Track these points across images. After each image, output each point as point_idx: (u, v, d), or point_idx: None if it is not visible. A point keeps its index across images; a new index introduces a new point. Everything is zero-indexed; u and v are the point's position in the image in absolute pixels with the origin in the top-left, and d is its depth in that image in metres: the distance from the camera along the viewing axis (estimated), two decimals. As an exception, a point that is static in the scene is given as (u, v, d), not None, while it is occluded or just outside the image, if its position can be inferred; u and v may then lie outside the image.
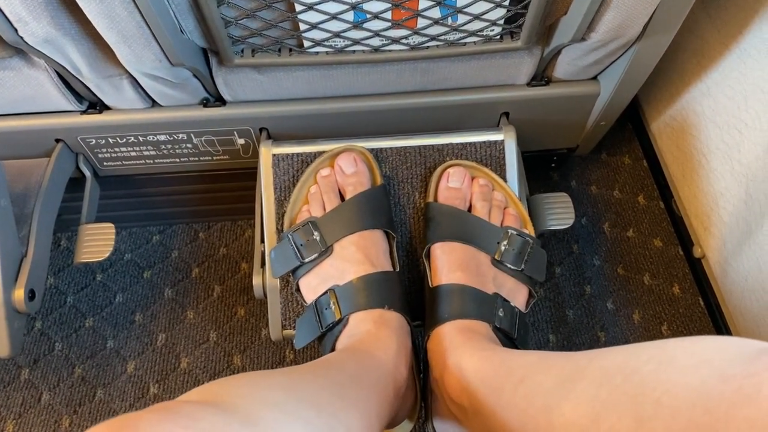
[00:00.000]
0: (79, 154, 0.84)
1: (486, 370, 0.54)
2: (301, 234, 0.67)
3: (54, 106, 0.76)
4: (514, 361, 0.52)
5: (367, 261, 0.65)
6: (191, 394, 0.40)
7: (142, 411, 0.34)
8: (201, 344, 0.90)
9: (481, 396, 0.52)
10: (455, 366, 0.57)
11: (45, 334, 0.91)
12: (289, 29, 0.64)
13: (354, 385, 0.50)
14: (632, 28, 0.64)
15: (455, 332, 0.61)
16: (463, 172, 0.70)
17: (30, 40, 0.59)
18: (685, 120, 0.87)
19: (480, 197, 0.70)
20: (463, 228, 0.67)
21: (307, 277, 0.67)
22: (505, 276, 0.66)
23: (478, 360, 0.55)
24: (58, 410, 0.85)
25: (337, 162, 0.70)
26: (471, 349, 0.57)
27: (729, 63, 0.77)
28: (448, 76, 0.75)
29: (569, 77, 0.78)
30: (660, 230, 0.94)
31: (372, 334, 0.60)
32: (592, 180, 1.01)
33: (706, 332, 0.85)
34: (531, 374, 0.48)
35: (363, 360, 0.56)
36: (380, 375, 0.56)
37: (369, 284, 0.63)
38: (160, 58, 0.62)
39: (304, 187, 0.72)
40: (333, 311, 0.63)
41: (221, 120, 0.78)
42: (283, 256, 0.68)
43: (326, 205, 0.69)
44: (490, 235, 0.67)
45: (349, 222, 0.66)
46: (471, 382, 0.54)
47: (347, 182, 0.69)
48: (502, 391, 0.50)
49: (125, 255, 0.98)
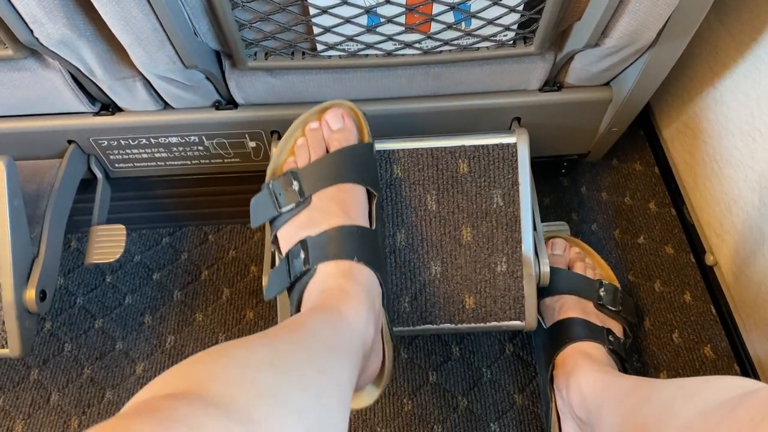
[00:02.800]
0: (91, 155, 0.84)
1: (597, 389, 0.66)
2: (281, 183, 0.66)
3: (67, 108, 0.76)
4: (615, 384, 0.64)
5: (343, 213, 0.64)
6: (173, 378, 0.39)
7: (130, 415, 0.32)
8: (210, 346, 0.89)
9: (591, 411, 0.65)
10: (576, 385, 0.70)
11: (54, 334, 0.92)
12: (302, 32, 0.64)
13: (331, 355, 0.49)
14: (647, 34, 0.64)
15: (577, 355, 0.73)
16: (564, 242, 0.85)
17: (45, 42, 0.60)
18: (697, 127, 0.87)
19: (578, 260, 0.84)
20: (568, 282, 0.81)
21: (284, 227, 0.66)
22: (605, 317, 0.80)
23: (593, 381, 0.68)
24: (67, 411, 0.85)
25: (325, 116, 0.69)
26: (589, 370, 0.70)
27: (742, 70, 0.76)
28: (460, 80, 0.75)
29: (582, 83, 0.77)
30: (671, 237, 0.93)
31: (342, 289, 0.59)
32: (602, 186, 1.01)
33: (718, 341, 0.84)
34: (623, 397, 0.60)
35: (335, 323, 0.54)
36: (351, 338, 0.55)
37: (341, 235, 0.62)
38: (174, 60, 0.62)
39: (290, 138, 0.70)
40: (302, 260, 0.62)
41: (233, 123, 0.78)
42: (262, 206, 0.67)
43: (312, 158, 0.68)
44: (589, 286, 0.81)
45: (329, 174, 0.65)
46: (586, 398, 0.67)
47: (333, 137, 0.68)
48: (602, 408, 0.63)
49: (135, 257, 0.98)
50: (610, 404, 0.62)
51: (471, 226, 0.74)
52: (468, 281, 0.74)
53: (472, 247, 0.74)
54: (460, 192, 0.75)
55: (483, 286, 0.74)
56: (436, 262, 0.75)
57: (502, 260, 0.74)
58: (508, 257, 0.74)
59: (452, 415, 0.83)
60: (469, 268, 0.74)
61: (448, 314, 0.75)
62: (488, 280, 0.74)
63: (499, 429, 0.82)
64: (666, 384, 0.55)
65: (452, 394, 0.84)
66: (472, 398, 0.84)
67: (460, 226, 0.75)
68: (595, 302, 0.80)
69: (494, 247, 0.74)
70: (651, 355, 0.85)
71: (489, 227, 0.74)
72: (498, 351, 0.87)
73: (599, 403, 0.64)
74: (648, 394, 0.55)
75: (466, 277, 0.74)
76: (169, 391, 0.37)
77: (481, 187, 0.74)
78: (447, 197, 0.75)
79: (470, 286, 0.74)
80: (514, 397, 0.84)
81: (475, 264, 0.74)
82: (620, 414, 0.58)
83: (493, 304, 0.74)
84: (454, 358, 0.87)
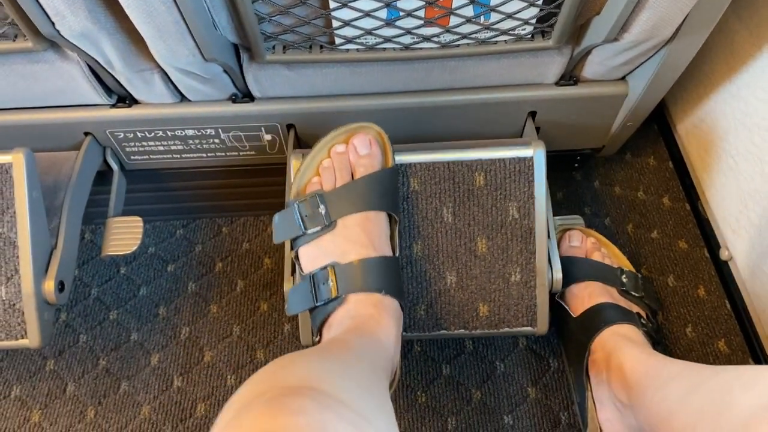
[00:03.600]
0: (107, 147, 0.84)
1: (641, 371, 0.65)
2: (308, 205, 0.68)
3: (84, 100, 0.76)
4: (662, 368, 0.63)
5: (369, 243, 0.67)
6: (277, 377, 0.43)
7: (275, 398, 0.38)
8: (224, 338, 0.90)
9: (634, 393, 0.65)
10: (617, 366, 0.69)
11: (70, 325, 0.92)
12: (321, 26, 0.64)
13: (373, 375, 0.54)
14: (666, 29, 0.64)
15: (614, 337, 0.72)
16: (580, 234, 0.85)
17: (66, 34, 0.60)
18: (713, 121, 0.86)
19: (595, 249, 0.83)
20: (590, 270, 0.81)
21: (307, 246, 0.69)
22: (631, 303, 0.79)
23: (636, 362, 0.67)
24: (83, 401, 0.86)
25: (353, 141, 0.70)
26: (631, 350, 0.69)
27: (760, 65, 0.76)
28: (477, 74, 0.74)
29: (598, 77, 0.77)
30: (685, 232, 0.93)
31: (374, 318, 0.64)
32: (616, 181, 1.01)
33: (732, 335, 0.84)
34: (668, 382, 0.59)
35: (373, 345, 0.60)
36: (385, 360, 0.61)
37: (369, 267, 0.65)
38: (194, 53, 0.63)
39: (316, 159, 0.71)
40: (330, 288, 0.65)
41: (249, 116, 0.79)
42: (287, 224, 0.69)
43: (338, 182, 0.69)
44: (611, 273, 0.81)
45: (357, 201, 0.68)
46: (629, 379, 0.66)
47: (359, 162, 0.70)
48: (648, 390, 0.62)
49: (149, 248, 0.99)
50: (656, 387, 0.61)
51: (486, 238, 0.75)
52: (482, 290, 0.76)
53: (487, 258, 0.75)
54: (476, 204, 0.75)
55: (497, 295, 0.76)
56: (452, 272, 0.76)
57: (516, 270, 0.75)
58: (522, 267, 0.75)
59: (465, 408, 0.83)
60: (484, 278, 0.76)
61: (462, 321, 0.77)
62: (502, 289, 0.76)
63: (512, 422, 0.82)
64: (718, 370, 0.54)
65: (466, 387, 0.85)
66: (485, 391, 0.84)
67: (476, 237, 0.75)
68: (619, 288, 0.80)
69: (509, 258, 0.75)
70: (664, 349, 0.85)
71: (504, 239, 0.75)
72: (511, 344, 0.87)
73: (644, 384, 0.63)
74: (699, 379, 0.55)
75: (480, 286, 0.76)
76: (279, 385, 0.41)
77: (497, 200, 0.75)
78: (463, 210, 0.75)
79: (484, 295, 0.76)
80: (527, 390, 0.84)
81: (490, 274, 0.76)
82: (669, 399, 0.58)
83: (507, 312, 0.76)
84: (468, 351, 0.87)
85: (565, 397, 0.83)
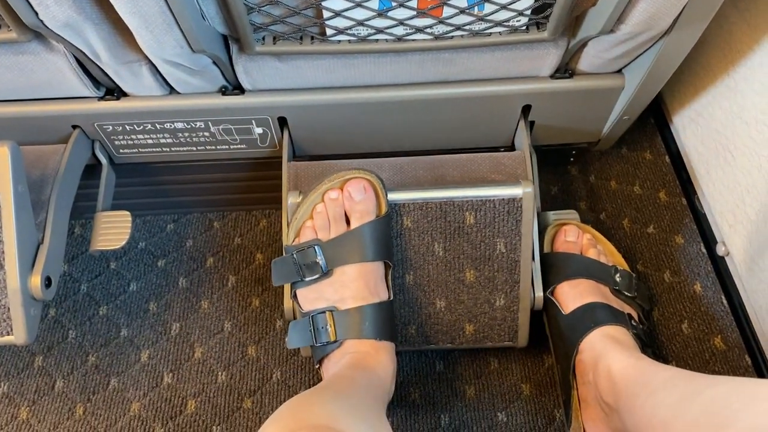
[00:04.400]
0: (96, 141, 0.83)
1: (629, 375, 0.64)
2: (305, 255, 0.71)
3: (71, 92, 0.75)
4: (652, 374, 0.62)
5: (366, 290, 0.71)
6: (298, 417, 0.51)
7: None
8: (215, 334, 0.89)
9: (622, 397, 0.64)
10: (605, 369, 0.68)
11: (59, 321, 0.91)
12: (312, 17, 0.63)
13: (376, 408, 0.61)
14: (663, 20, 0.63)
15: (604, 339, 0.72)
16: (576, 229, 0.84)
17: (50, 24, 0.59)
18: (710, 115, 0.85)
19: (590, 246, 0.82)
20: (584, 267, 0.79)
21: (305, 290, 0.72)
22: (623, 303, 0.79)
23: (625, 366, 0.66)
24: (72, 398, 0.85)
25: (347, 187, 0.72)
26: (620, 354, 0.68)
27: (759, 58, 0.75)
28: (471, 67, 0.73)
29: (594, 70, 0.76)
30: (682, 227, 0.92)
31: (372, 356, 0.69)
32: (611, 175, 1.00)
33: (729, 332, 0.83)
34: (661, 388, 0.58)
35: (372, 379, 0.66)
36: (383, 392, 0.67)
37: (365, 315, 0.70)
38: (182, 44, 0.61)
39: (311, 205, 0.74)
40: (329, 333, 0.70)
41: (239, 108, 0.77)
42: (286, 271, 0.73)
43: (332, 228, 0.72)
44: (604, 271, 0.80)
45: (353, 252, 0.71)
46: (617, 383, 0.65)
47: (354, 209, 0.72)
48: (637, 397, 0.60)
49: (139, 243, 0.98)
50: (646, 394, 0.59)
51: (474, 269, 0.78)
52: (469, 313, 0.80)
53: (475, 286, 0.79)
54: (466, 241, 0.78)
55: (482, 318, 0.80)
56: (441, 298, 0.79)
57: (500, 297, 0.79)
58: (506, 294, 0.79)
59: (459, 405, 0.82)
60: (471, 303, 0.79)
61: (450, 337, 0.81)
62: (487, 312, 0.80)
63: (506, 418, 0.81)
64: (715, 381, 0.53)
65: (459, 384, 0.84)
66: (479, 387, 0.83)
67: (464, 269, 0.79)
68: (612, 287, 0.79)
69: (494, 286, 0.79)
70: (660, 345, 0.85)
71: (491, 270, 0.79)
72: (505, 340, 0.86)
73: (633, 390, 0.62)
74: (693, 388, 0.54)
75: (467, 310, 0.80)
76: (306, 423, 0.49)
77: (486, 237, 0.77)
78: (453, 245, 0.78)
79: (470, 317, 0.80)
80: (521, 386, 0.83)
81: (476, 300, 0.79)
82: (661, 407, 0.56)
83: (491, 331, 0.80)
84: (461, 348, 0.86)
85: (559, 395, 0.82)
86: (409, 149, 0.87)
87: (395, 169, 0.81)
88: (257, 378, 0.86)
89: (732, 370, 0.81)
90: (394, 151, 0.87)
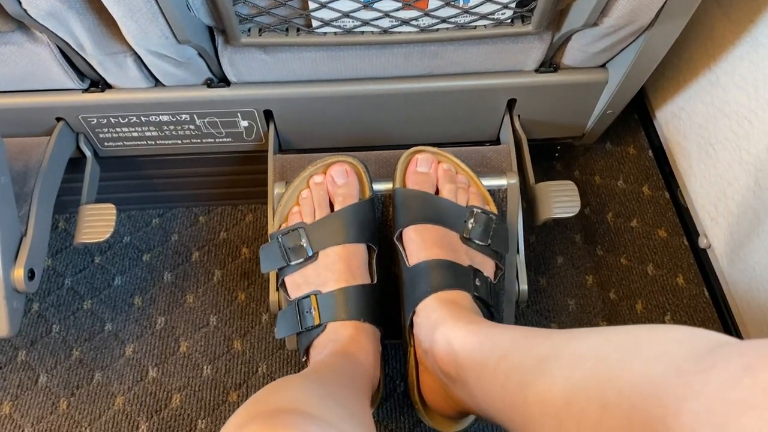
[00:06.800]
0: (80, 133, 0.82)
1: (472, 343, 0.58)
2: (290, 238, 0.71)
3: (55, 84, 0.74)
4: (498, 336, 0.56)
5: (348, 272, 0.70)
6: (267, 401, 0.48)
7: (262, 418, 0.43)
8: (201, 328, 0.89)
9: (467, 368, 0.57)
10: (444, 338, 0.61)
11: (42, 316, 0.90)
12: (297, 8, 0.63)
13: (355, 395, 0.59)
14: (646, 14, 0.63)
15: (441, 304, 0.65)
16: (430, 157, 0.74)
17: (33, 13, 0.58)
18: (692, 110, 0.86)
19: (446, 180, 0.73)
20: (433, 210, 0.71)
21: (292, 275, 0.72)
22: (474, 251, 0.71)
23: (466, 333, 0.59)
24: (56, 392, 0.84)
25: (330, 171, 0.73)
26: (458, 321, 0.62)
27: (739, 52, 0.76)
28: (457, 60, 0.74)
29: (578, 64, 0.77)
30: (665, 220, 0.93)
31: (354, 339, 0.68)
32: (596, 170, 1.00)
33: (710, 323, 0.84)
34: (513, 351, 0.52)
35: (353, 365, 0.65)
36: (365, 378, 0.65)
37: (348, 297, 0.69)
38: (167, 34, 0.61)
39: (296, 191, 0.74)
40: (313, 316, 0.69)
41: (225, 101, 0.77)
42: (272, 256, 0.72)
43: (316, 212, 0.72)
44: (457, 214, 0.71)
45: (336, 233, 0.70)
46: (458, 353, 0.58)
47: (337, 192, 0.72)
48: (486, 365, 0.54)
49: (124, 238, 0.97)
50: (496, 359, 0.53)
51: None
52: None
53: None
54: None
55: None
56: None
57: None
58: None
59: (445, 397, 0.83)
60: None
61: None
62: None
63: (491, 411, 0.82)
64: (579, 335, 0.46)
65: (445, 376, 0.84)
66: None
67: None
68: (461, 235, 0.71)
69: None
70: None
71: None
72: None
73: (479, 359, 0.56)
74: (554, 345, 0.47)
75: None
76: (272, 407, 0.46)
77: None
78: None
79: None
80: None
81: None
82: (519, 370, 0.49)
83: None
84: (447, 341, 0.86)
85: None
86: (395, 143, 0.87)
87: (381, 162, 0.81)
88: (243, 372, 0.86)
89: (714, 361, 0.81)
90: (380, 145, 0.87)
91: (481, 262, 0.71)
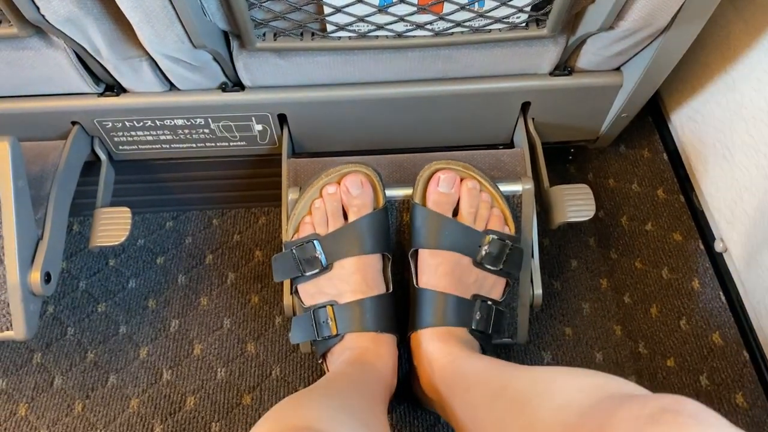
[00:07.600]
0: (95, 137, 0.83)
1: (447, 373, 0.66)
2: (305, 250, 0.71)
3: (71, 88, 0.75)
4: (466, 370, 0.64)
5: (364, 283, 0.70)
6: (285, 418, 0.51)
7: None
8: (214, 331, 0.89)
9: (443, 394, 0.65)
10: (428, 365, 0.68)
11: (57, 318, 0.91)
12: (312, 13, 0.63)
13: (371, 403, 0.62)
14: (662, 17, 0.63)
15: (434, 337, 0.70)
16: (453, 177, 0.72)
17: (52, 19, 0.59)
18: (709, 113, 0.86)
19: (468, 202, 0.72)
20: (450, 236, 0.71)
21: (305, 285, 0.72)
22: (486, 274, 0.72)
23: (444, 364, 0.66)
24: (71, 394, 0.85)
25: (344, 182, 0.72)
26: (441, 352, 0.68)
27: (756, 55, 0.75)
28: (471, 63, 0.74)
29: (593, 67, 0.77)
30: (680, 224, 0.93)
31: (371, 350, 0.69)
32: (610, 173, 1.00)
33: (727, 328, 0.83)
34: (473, 385, 0.60)
35: (370, 374, 0.67)
36: (382, 385, 0.67)
37: (365, 309, 0.70)
38: (183, 39, 0.61)
39: (309, 200, 0.73)
40: (330, 327, 0.70)
41: (239, 105, 0.77)
42: (286, 266, 0.72)
43: (330, 223, 0.72)
44: (473, 240, 0.71)
45: (352, 245, 0.70)
46: (436, 381, 0.66)
47: (352, 203, 0.72)
48: (455, 395, 0.63)
49: (138, 240, 0.98)
50: (462, 391, 0.61)
51: None
52: None
53: None
54: None
55: None
56: None
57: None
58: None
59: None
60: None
61: None
62: None
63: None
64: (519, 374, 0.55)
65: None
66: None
67: None
68: (475, 260, 0.71)
69: None
70: (658, 342, 0.85)
71: None
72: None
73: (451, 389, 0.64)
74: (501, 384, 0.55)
75: None
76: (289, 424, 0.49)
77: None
78: None
79: None
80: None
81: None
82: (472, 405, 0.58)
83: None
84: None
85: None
86: (409, 146, 0.87)
87: (394, 166, 0.81)
88: (256, 374, 0.86)
89: (730, 366, 0.81)
90: (393, 149, 0.87)
91: (492, 285, 0.73)
